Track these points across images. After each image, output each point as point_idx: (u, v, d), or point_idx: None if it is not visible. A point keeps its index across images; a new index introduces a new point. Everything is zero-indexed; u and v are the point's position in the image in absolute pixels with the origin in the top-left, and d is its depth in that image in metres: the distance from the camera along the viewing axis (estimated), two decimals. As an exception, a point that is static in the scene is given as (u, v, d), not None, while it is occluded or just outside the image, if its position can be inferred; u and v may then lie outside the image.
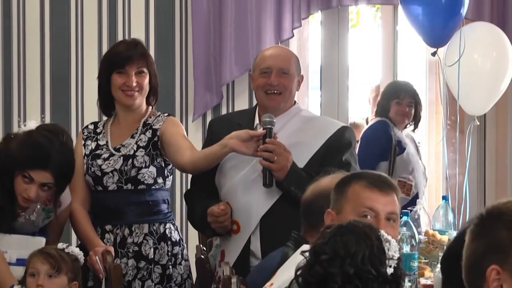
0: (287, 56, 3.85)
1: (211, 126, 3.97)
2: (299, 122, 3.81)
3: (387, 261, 2.19)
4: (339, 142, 3.74)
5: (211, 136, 3.86)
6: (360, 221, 2.34)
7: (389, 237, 2.25)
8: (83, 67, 5.24)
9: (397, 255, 2.21)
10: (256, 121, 3.81)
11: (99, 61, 5.12)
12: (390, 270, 2.18)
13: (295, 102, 3.88)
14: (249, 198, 3.69)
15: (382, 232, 2.26)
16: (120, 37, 5.18)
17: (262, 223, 3.68)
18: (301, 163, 3.68)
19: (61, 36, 5.22)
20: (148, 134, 3.84)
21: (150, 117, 3.90)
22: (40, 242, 3.55)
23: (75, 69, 5.24)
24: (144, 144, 3.82)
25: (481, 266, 1.92)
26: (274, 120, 3.65)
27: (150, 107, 3.94)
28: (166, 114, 3.93)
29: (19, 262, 3.50)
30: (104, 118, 4.08)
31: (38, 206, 3.63)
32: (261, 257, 3.65)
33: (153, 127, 3.85)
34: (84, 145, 3.91)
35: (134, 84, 3.81)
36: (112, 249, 3.73)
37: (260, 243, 3.69)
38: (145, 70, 3.84)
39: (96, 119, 4.59)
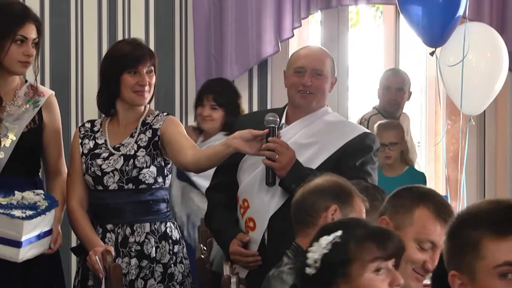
0: (322, 56, 3.83)
1: (236, 124, 3.97)
2: (322, 124, 3.80)
3: None
4: (356, 147, 3.72)
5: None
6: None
7: None
8: (83, 66, 5.24)
9: None
10: (283, 120, 3.82)
11: (99, 60, 5.14)
12: None
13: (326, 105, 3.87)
14: (263, 196, 3.71)
15: None
16: (120, 37, 5.18)
17: (271, 222, 3.70)
18: (316, 164, 3.68)
19: (61, 36, 5.22)
20: (148, 134, 3.84)
21: (149, 116, 3.90)
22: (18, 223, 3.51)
23: (75, 68, 5.24)
24: (145, 144, 3.82)
25: None
26: (278, 119, 3.65)
27: (148, 106, 3.94)
28: (165, 114, 3.93)
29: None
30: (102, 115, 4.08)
31: (21, 93, 3.75)
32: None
33: (153, 126, 3.85)
34: (82, 144, 3.90)
35: (146, 84, 3.81)
36: (112, 248, 3.73)
37: (267, 242, 3.71)
38: (153, 68, 3.86)
39: (96, 118, 4.59)
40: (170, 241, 3.84)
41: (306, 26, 5.59)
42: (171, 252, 3.84)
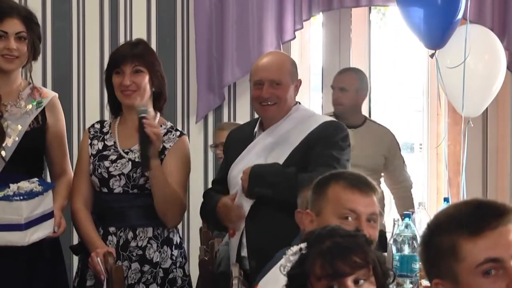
0: (279, 65, 3.84)
1: (227, 139, 4.06)
2: (290, 123, 3.83)
3: None
4: (318, 135, 3.75)
5: (226, 150, 4.02)
6: None
7: None
8: (84, 68, 5.24)
9: None
10: (257, 128, 3.86)
11: (101, 62, 5.15)
12: None
13: (297, 102, 3.89)
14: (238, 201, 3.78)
15: None
16: (121, 38, 5.19)
17: (247, 229, 3.73)
18: (281, 160, 3.71)
19: (63, 37, 5.22)
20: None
21: (161, 126, 3.88)
22: (18, 206, 3.51)
23: (76, 70, 5.24)
24: None
25: None
26: (149, 110, 3.72)
27: (158, 114, 3.91)
28: (178, 134, 3.89)
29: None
30: (106, 117, 4.07)
31: (24, 94, 3.72)
32: (248, 262, 3.69)
33: (164, 143, 3.82)
34: (91, 144, 3.89)
35: (129, 83, 3.77)
36: (113, 250, 3.72)
37: (247, 249, 3.73)
38: (142, 69, 3.80)
39: (98, 120, 4.59)
40: (172, 245, 3.83)
41: (308, 28, 5.59)
42: (173, 256, 3.83)
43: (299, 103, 3.90)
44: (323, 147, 3.70)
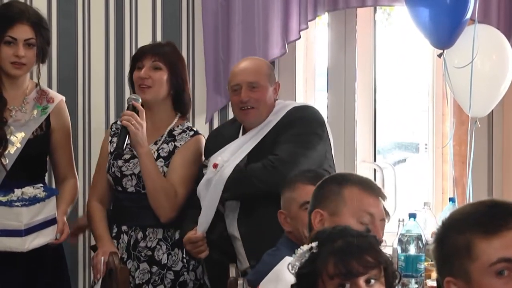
0: (255, 68, 3.85)
1: (206, 143, 4.04)
2: (266, 121, 3.83)
3: None
4: (285, 123, 3.76)
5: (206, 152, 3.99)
6: None
7: None
8: (90, 69, 5.24)
9: None
10: (240, 134, 3.86)
11: (106, 62, 5.14)
12: None
13: (276, 100, 3.90)
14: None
15: None
16: (127, 40, 5.18)
17: (241, 230, 3.75)
18: (242, 155, 3.75)
19: (68, 38, 5.22)
20: (171, 146, 3.82)
21: (178, 126, 3.88)
22: (18, 212, 3.50)
23: (81, 71, 5.24)
24: (165, 155, 3.81)
25: None
26: (139, 98, 3.76)
27: (178, 115, 3.91)
28: (191, 133, 3.89)
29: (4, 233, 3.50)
30: (112, 119, 4.07)
31: (30, 98, 3.69)
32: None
33: (175, 142, 3.82)
34: (111, 142, 3.90)
35: (145, 76, 3.78)
36: (117, 251, 3.73)
37: (244, 249, 3.74)
38: (161, 66, 3.81)
39: (103, 121, 4.58)
40: (183, 248, 3.83)
41: (313, 28, 5.58)
42: (184, 259, 3.83)
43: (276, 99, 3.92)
44: (287, 135, 3.70)
